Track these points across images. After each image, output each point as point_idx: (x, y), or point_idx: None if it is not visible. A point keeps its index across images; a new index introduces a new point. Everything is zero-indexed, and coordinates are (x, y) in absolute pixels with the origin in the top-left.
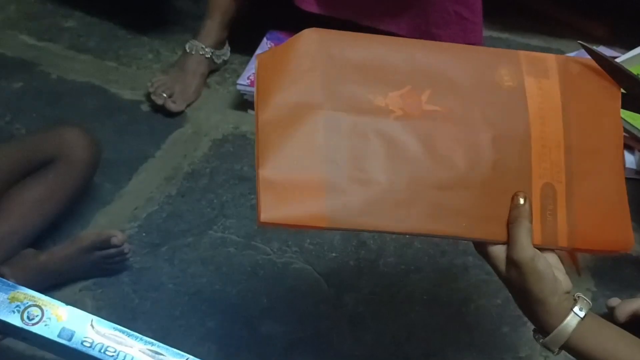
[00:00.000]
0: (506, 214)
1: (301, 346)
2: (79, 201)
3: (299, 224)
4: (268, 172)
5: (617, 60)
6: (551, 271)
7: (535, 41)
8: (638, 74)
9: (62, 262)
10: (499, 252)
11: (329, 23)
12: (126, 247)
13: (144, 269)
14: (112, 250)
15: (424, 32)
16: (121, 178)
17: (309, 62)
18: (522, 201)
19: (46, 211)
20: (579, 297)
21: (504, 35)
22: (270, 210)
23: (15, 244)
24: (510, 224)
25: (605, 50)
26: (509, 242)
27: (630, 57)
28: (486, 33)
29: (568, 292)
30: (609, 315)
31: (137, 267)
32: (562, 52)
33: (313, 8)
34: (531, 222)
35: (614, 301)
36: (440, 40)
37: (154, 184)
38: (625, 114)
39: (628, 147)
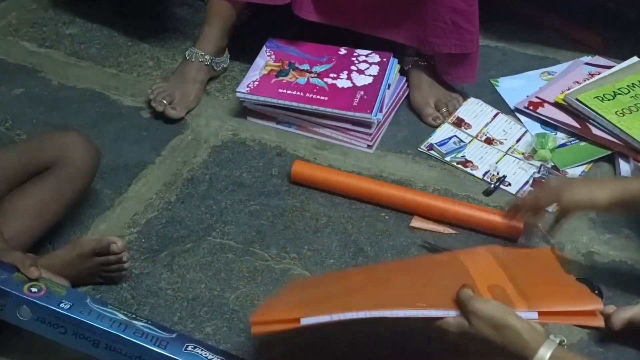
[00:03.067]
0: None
1: (299, 352)
2: (79, 207)
3: (279, 319)
4: (258, 317)
5: (611, 70)
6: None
7: (530, 50)
8: (633, 84)
9: (61, 267)
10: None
11: (328, 31)
12: (125, 256)
13: (143, 275)
14: (111, 257)
15: (421, 40)
16: (121, 184)
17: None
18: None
19: (45, 216)
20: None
21: (501, 45)
22: (258, 317)
23: (15, 248)
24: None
25: (600, 60)
26: (459, 307)
27: (623, 67)
28: (483, 42)
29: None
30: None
31: (136, 272)
32: (557, 61)
33: (312, 17)
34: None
35: (610, 308)
36: (437, 49)
37: (153, 190)
38: (623, 124)
39: (623, 156)
